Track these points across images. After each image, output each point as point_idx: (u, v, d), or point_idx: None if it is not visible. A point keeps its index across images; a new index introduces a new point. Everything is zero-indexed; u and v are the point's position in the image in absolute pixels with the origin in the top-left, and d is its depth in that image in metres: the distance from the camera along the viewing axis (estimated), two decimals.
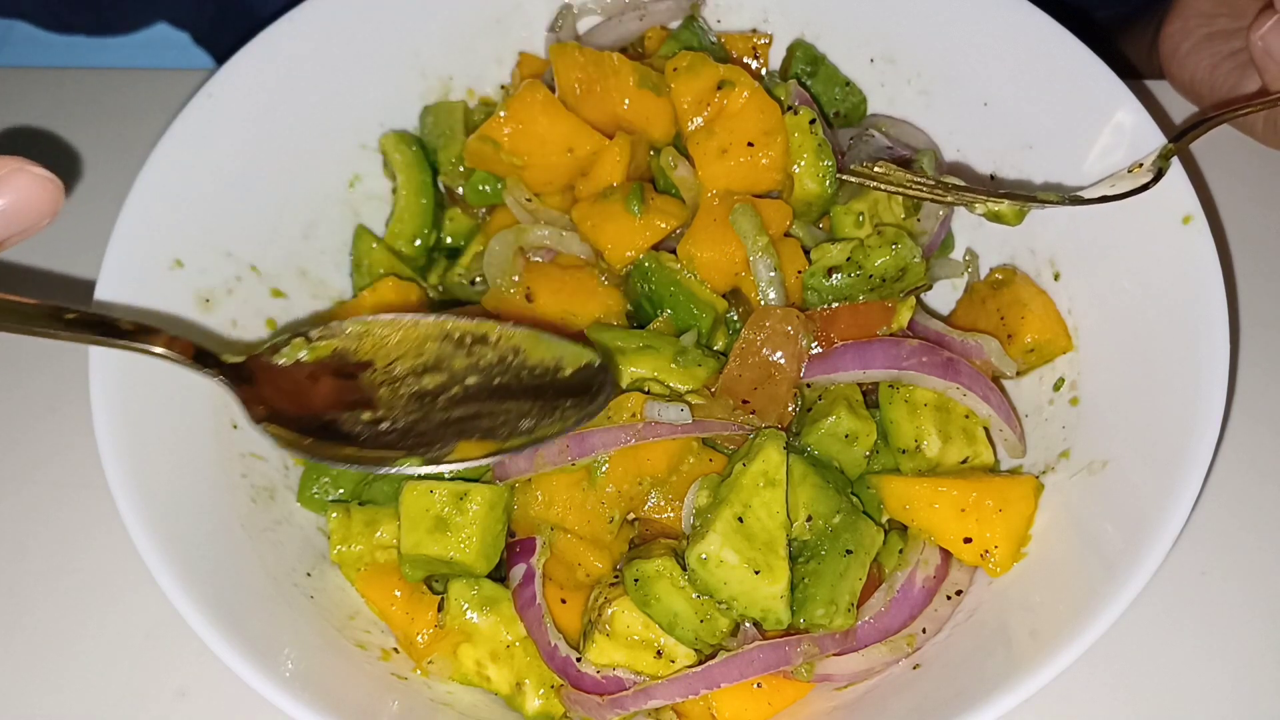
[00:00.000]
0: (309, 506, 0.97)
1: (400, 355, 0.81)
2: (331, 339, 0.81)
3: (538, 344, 0.82)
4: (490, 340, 0.82)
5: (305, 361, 0.80)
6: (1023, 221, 0.91)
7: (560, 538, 0.89)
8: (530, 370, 0.81)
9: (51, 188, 0.66)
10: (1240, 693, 0.89)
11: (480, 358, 0.81)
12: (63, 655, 0.97)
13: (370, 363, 0.81)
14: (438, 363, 0.81)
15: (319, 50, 1.03)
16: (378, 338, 0.82)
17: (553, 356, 0.82)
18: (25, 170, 0.66)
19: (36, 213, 0.66)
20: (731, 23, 1.11)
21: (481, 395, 0.80)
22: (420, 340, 0.82)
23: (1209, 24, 1.11)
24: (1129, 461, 0.84)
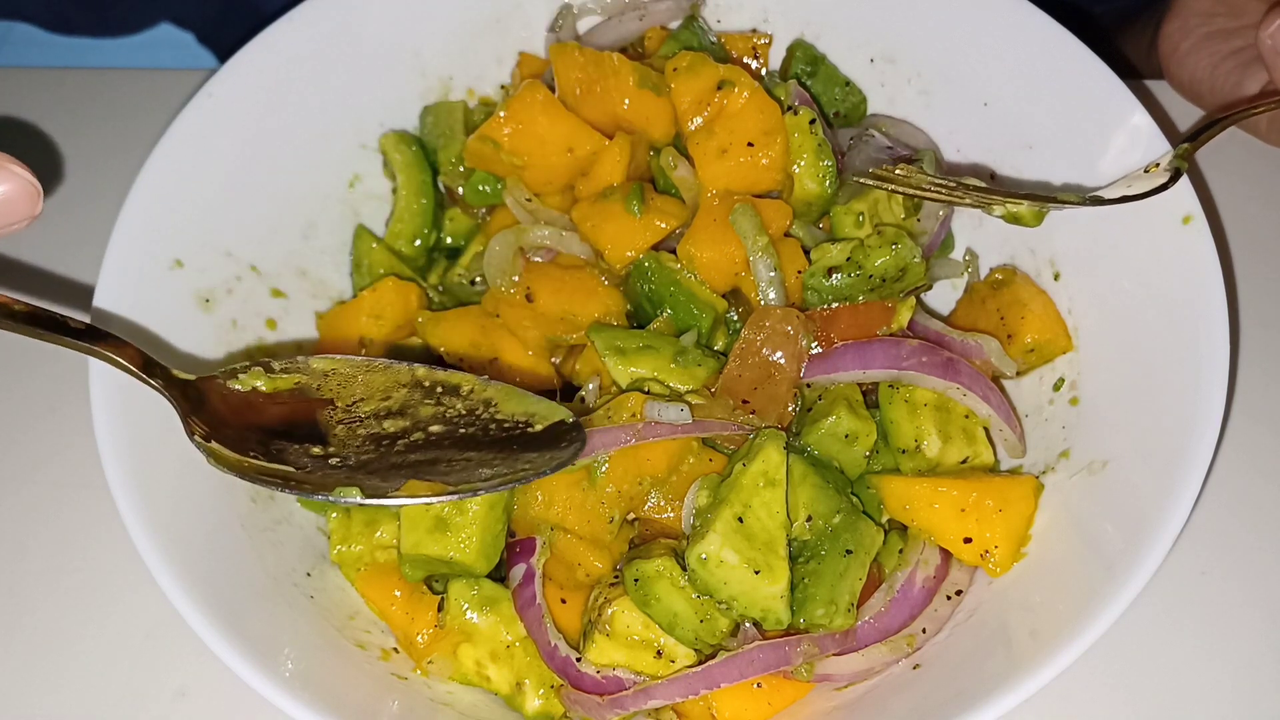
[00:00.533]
0: (309, 506, 0.97)
1: (365, 397, 0.80)
2: (294, 373, 0.80)
3: (511, 398, 0.81)
4: (462, 392, 0.80)
5: (262, 390, 0.79)
6: (1041, 223, 0.91)
7: (560, 538, 0.89)
8: (499, 424, 0.80)
9: (32, 191, 0.66)
10: (1240, 693, 0.89)
11: (449, 408, 0.80)
12: (63, 655, 0.97)
13: (331, 401, 0.79)
14: (402, 409, 0.79)
15: (319, 50, 1.03)
16: (344, 377, 0.80)
17: (525, 412, 0.80)
18: (6, 168, 0.65)
19: (12, 214, 0.66)
20: (731, 23, 1.11)
21: (443, 444, 0.79)
22: (389, 385, 0.80)
23: (1208, 23, 1.11)
24: (1129, 461, 0.84)
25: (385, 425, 0.78)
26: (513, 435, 0.79)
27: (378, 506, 0.78)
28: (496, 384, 0.81)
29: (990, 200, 0.90)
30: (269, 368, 0.80)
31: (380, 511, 0.93)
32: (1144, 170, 0.90)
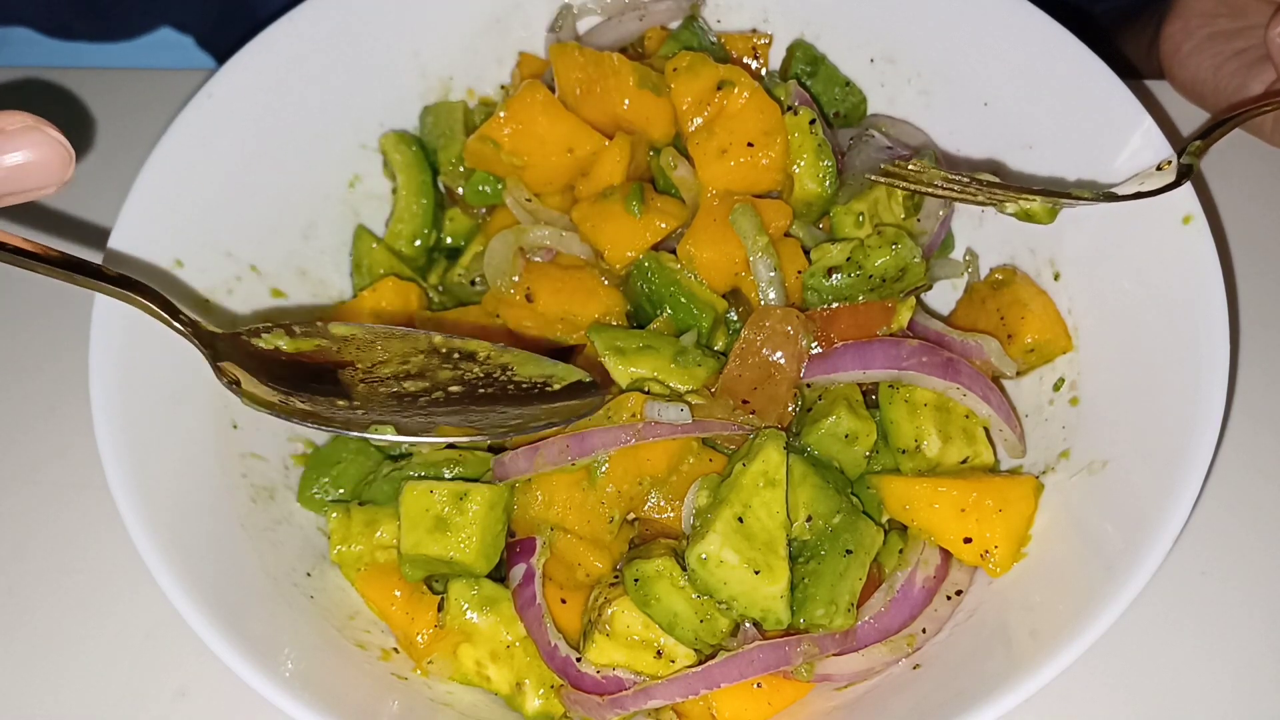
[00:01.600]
0: (309, 506, 0.97)
1: (384, 360, 0.81)
2: (315, 337, 0.81)
3: (528, 362, 0.82)
4: (479, 358, 0.81)
5: (284, 350, 0.80)
6: (1054, 220, 0.91)
7: (560, 538, 0.89)
8: (518, 385, 0.81)
9: (64, 153, 0.66)
10: (1240, 693, 0.89)
11: (467, 371, 0.81)
12: (63, 655, 0.97)
13: (352, 363, 0.80)
14: (421, 372, 0.80)
15: (319, 50, 1.04)
16: (362, 342, 0.81)
17: (543, 374, 0.81)
18: (40, 129, 0.65)
19: (45, 176, 0.66)
20: (731, 23, 1.11)
21: (465, 400, 0.79)
22: (407, 351, 0.81)
23: (1210, 24, 1.11)
24: (1129, 461, 0.84)
25: (406, 385, 0.80)
26: (531, 394, 0.80)
27: (413, 444, 0.80)
28: (512, 350, 0.82)
29: (1003, 197, 0.90)
30: (290, 330, 0.81)
31: (380, 511, 0.93)
32: (1156, 168, 0.89)
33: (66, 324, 1.04)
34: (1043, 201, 0.89)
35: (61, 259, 0.71)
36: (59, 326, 1.12)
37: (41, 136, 0.65)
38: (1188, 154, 0.88)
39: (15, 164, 0.64)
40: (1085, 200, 0.89)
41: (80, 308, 0.90)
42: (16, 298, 1.16)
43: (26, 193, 0.66)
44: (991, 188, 0.91)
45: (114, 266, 0.90)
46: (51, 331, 1.13)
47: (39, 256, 0.70)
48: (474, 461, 0.92)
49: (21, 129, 0.64)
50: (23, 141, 0.64)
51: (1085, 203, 0.89)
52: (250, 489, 0.93)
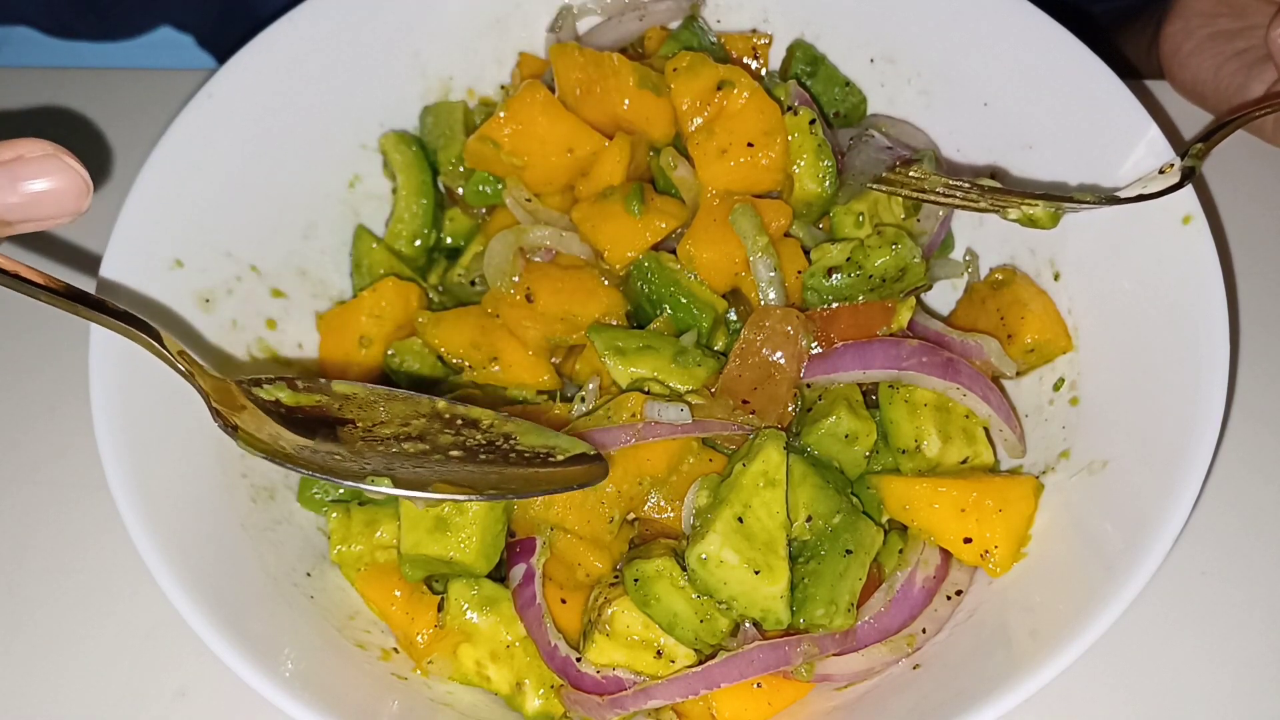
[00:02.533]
0: (309, 506, 0.97)
1: (385, 421, 0.80)
2: (316, 393, 0.80)
3: (531, 433, 0.81)
4: (482, 426, 0.81)
5: (284, 402, 0.79)
6: (1058, 224, 0.90)
7: (560, 538, 0.89)
8: (520, 454, 0.80)
9: (82, 183, 0.66)
10: (1240, 693, 0.89)
11: (468, 438, 0.80)
12: (63, 655, 0.97)
13: (352, 421, 0.80)
14: (422, 435, 0.80)
15: (319, 50, 1.04)
16: (364, 401, 0.80)
17: (546, 444, 0.81)
18: (59, 158, 0.65)
19: (62, 205, 0.65)
20: (731, 23, 1.11)
21: (465, 464, 0.79)
22: (408, 414, 0.80)
23: (1210, 24, 1.11)
24: (1129, 461, 0.84)
25: (405, 446, 0.79)
26: (533, 463, 0.80)
27: (408, 498, 0.79)
28: (516, 419, 0.82)
29: (1005, 203, 0.90)
30: (293, 385, 0.80)
31: (380, 511, 0.93)
32: (1158, 171, 0.89)
33: (66, 324, 1.04)
34: (1045, 206, 0.89)
35: (66, 290, 0.71)
36: (59, 326, 1.11)
37: (60, 165, 0.65)
38: (1190, 156, 0.89)
39: (35, 192, 0.64)
40: (1088, 204, 0.89)
41: None
42: (17, 298, 1.16)
43: (42, 221, 0.66)
44: (993, 193, 0.91)
45: (113, 268, 0.91)
46: (51, 331, 1.13)
47: (44, 286, 0.70)
48: None
49: (41, 157, 0.64)
50: (42, 169, 0.64)
51: (1088, 206, 0.89)
52: (250, 489, 0.93)
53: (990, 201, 0.90)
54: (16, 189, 0.64)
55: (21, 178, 0.64)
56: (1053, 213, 0.90)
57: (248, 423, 0.76)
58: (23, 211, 0.65)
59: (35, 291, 0.70)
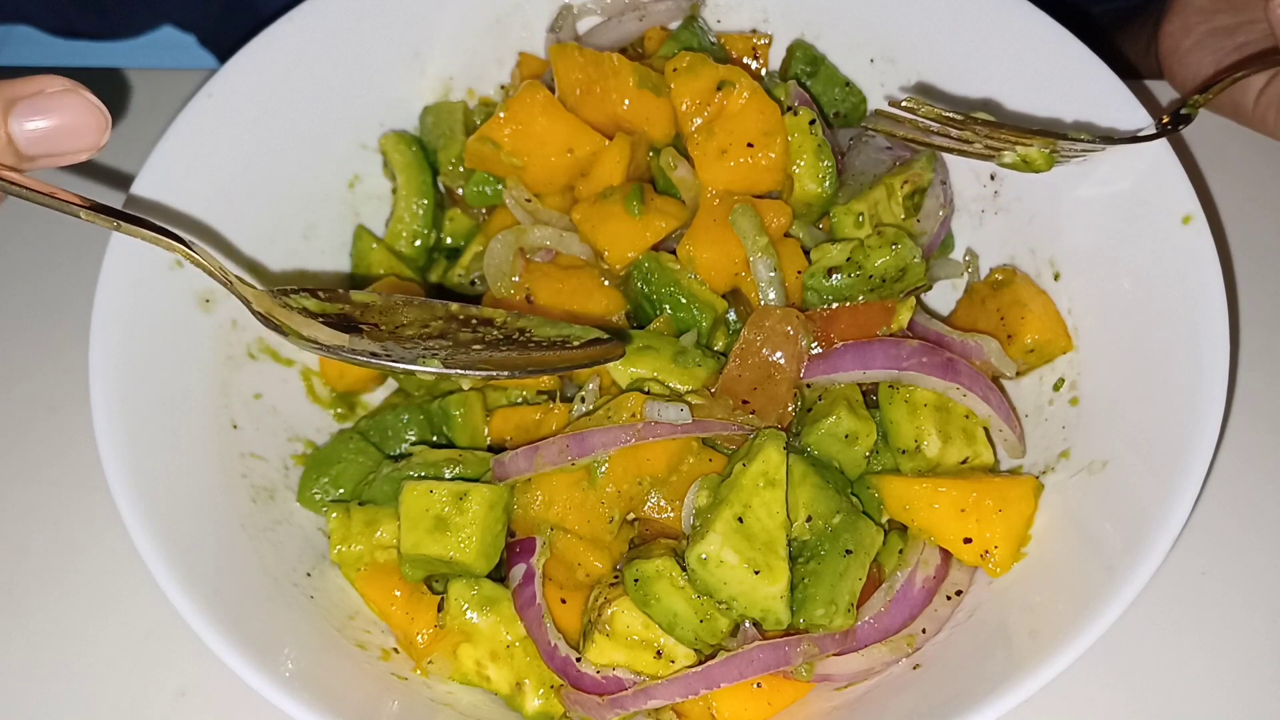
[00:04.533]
0: (309, 506, 0.97)
1: (406, 324, 0.83)
2: (338, 302, 0.83)
3: (545, 325, 0.84)
4: (495, 323, 0.84)
5: (311, 310, 0.82)
6: (1052, 167, 0.90)
7: (560, 538, 0.89)
8: (537, 343, 0.83)
9: (101, 117, 0.67)
10: (1240, 693, 0.89)
11: (486, 334, 0.83)
12: (63, 655, 0.97)
13: (376, 325, 0.82)
14: (442, 334, 0.83)
15: (319, 50, 1.04)
16: (384, 308, 0.83)
17: (560, 334, 0.84)
18: (78, 93, 0.66)
19: (82, 140, 0.66)
20: (731, 23, 1.11)
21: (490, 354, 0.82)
22: (425, 317, 0.83)
23: (1209, 20, 1.11)
24: (1129, 461, 0.84)
25: (431, 345, 0.82)
26: (553, 349, 0.83)
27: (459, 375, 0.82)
28: (527, 315, 0.85)
29: (1000, 144, 0.89)
30: (315, 294, 0.83)
31: (380, 512, 0.93)
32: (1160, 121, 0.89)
33: (66, 324, 1.05)
34: (1040, 146, 0.88)
35: (98, 206, 0.72)
36: (59, 326, 1.12)
37: (79, 99, 0.66)
38: (1188, 106, 0.89)
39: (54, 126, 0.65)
40: (1083, 143, 0.89)
41: (80, 308, 0.90)
42: (17, 298, 1.16)
43: (61, 155, 0.67)
44: (989, 131, 0.90)
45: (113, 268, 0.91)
46: (51, 331, 1.13)
47: (78, 204, 0.71)
48: (474, 461, 0.92)
49: (61, 91, 0.65)
50: (61, 104, 0.65)
51: (1084, 146, 0.89)
52: (250, 489, 0.93)
53: (985, 144, 0.90)
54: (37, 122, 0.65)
55: (42, 111, 0.64)
56: (1047, 154, 0.89)
57: (296, 322, 0.79)
58: (43, 145, 0.66)
59: (69, 208, 0.71)
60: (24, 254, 1.17)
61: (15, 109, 0.67)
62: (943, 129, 0.90)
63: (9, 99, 0.67)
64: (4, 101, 0.67)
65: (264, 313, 0.78)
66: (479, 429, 0.97)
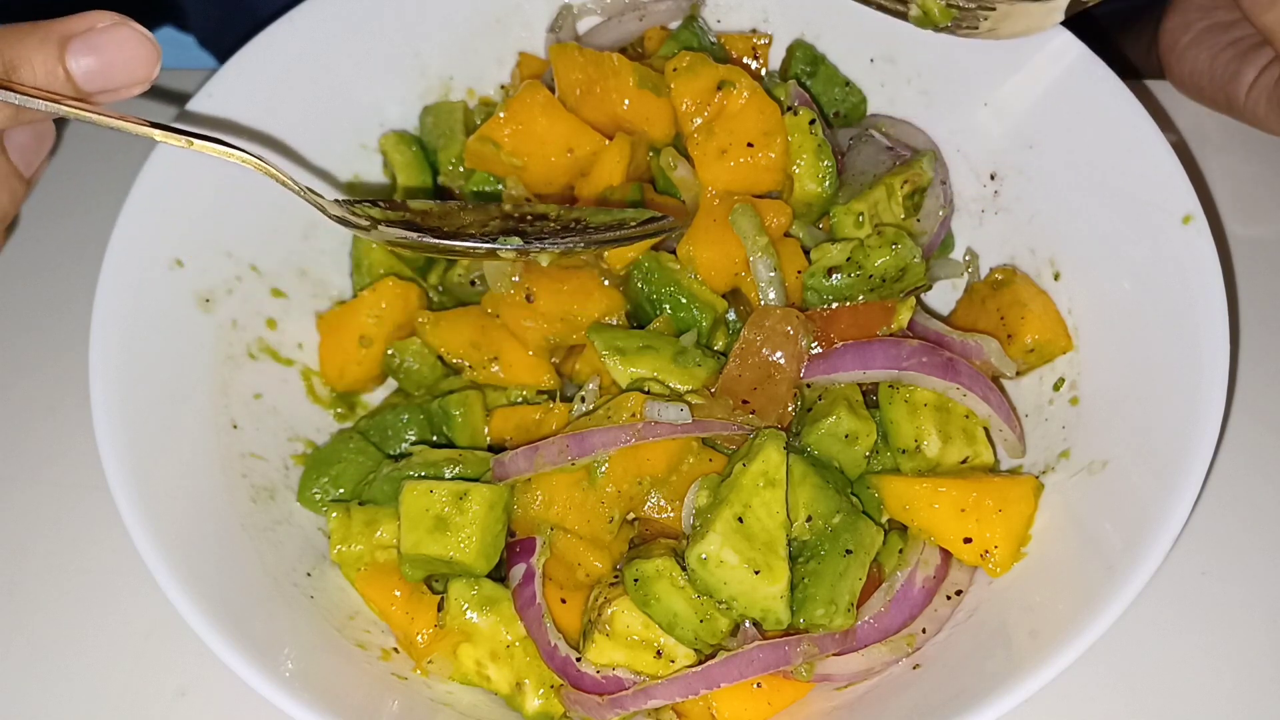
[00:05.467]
0: (309, 506, 0.97)
1: (467, 225, 0.86)
2: (399, 210, 0.86)
3: (599, 213, 0.88)
4: (550, 216, 0.88)
5: (375, 218, 0.85)
6: (949, 21, 0.92)
7: (560, 538, 0.89)
8: (596, 228, 0.87)
9: (152, 49, 0.67)
10: (1240, 693, 0.89)
11: (544, 227, 0.87)
12: (63, 655, 0.97)
13: (439, 227, 0.86)
14: (504, 231, 0.86)
15: (319, 50, 1.04)
16: (442, 213, 0.87)
17: (615, 219, 0.87)
18: (128, 25, 0.66)
19: (135, 72, 0.67)
20: (731, 23, 1.11)
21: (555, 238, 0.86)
22: (483, 219, 0.87)
23: (1208, 16, 1.11)
24: (1129, 461, 0.84)
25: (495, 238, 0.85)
26: (611, 230, 0.87)
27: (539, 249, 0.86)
28: (579, 207, 0.89)
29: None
30: (377, 204, 0.87)
31: (380, 512, 0.93)
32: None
33: (66, 324, 1.04)
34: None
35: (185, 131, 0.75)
36: (59, 326, 1.12)
37: (130, 33, 0.66)
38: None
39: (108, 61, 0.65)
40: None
41: (80, 307, 0.90)
42: (17, 298, 1.16)
43: (118, 89, 0.68)
44: None
45: (113, 268, 0.91)
46: (51, 331, 1.13)
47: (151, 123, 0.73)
48: (474, 461, 0.92)
49: (110, 26, 0.65)
50: (114, 37, 0.65)
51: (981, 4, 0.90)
52: (250, 489, 0.93)
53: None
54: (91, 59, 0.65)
55: (95, 48, 0.65)
56: (944, 6, 0.90)
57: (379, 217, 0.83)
58: (100, 81, 0.66)
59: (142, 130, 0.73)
60: (24, 254, 1.17)
61: (70, 46, 0.67)
62: None
63: (63, 36, 0.68)
64: (58, 39, 0.68)
65: (342, 216, 0.81)
66: (479, 429, 0.97)
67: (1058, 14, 0.92)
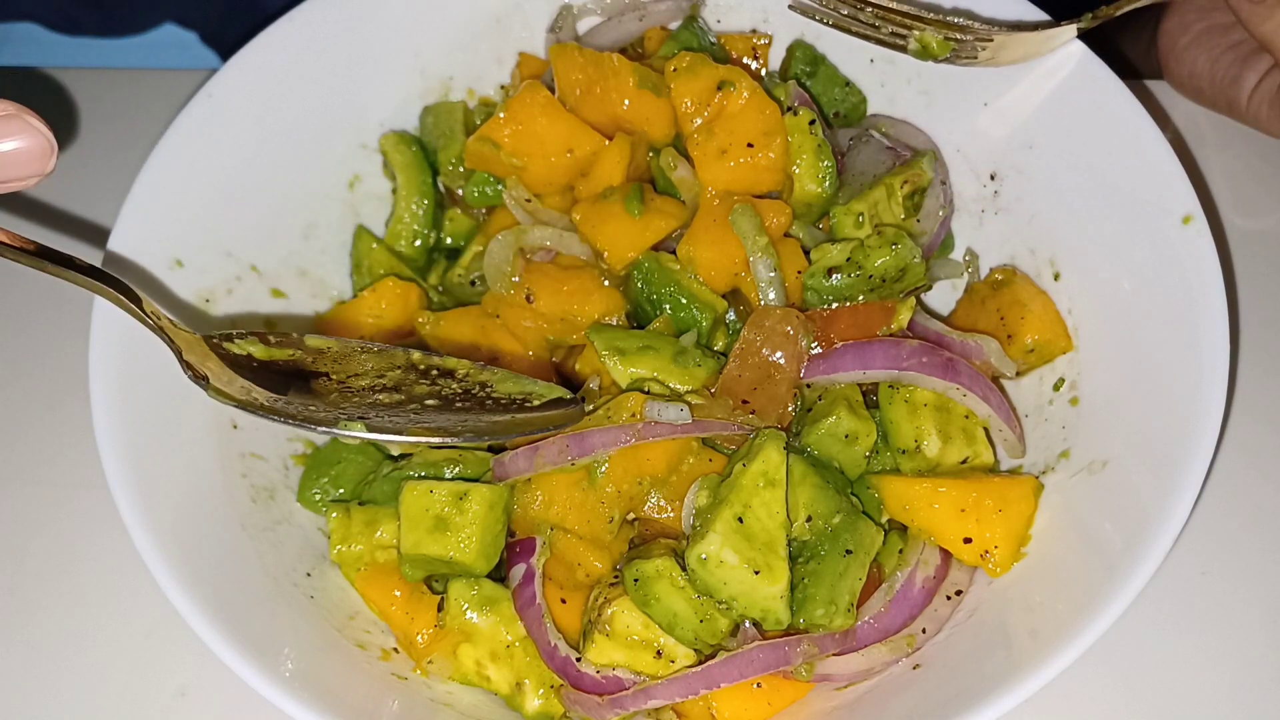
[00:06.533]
0: (309, 506, 0.97)
1: (360, 374, 0.80)
2: (289, 348, 0.80)
3: (507, 380, 0.82)
4: (457, 375, 0.81)
5: (256, 356, 0.79)
6: (949, 53, 0.93)
7: (560, 538, 0.89)
8: (496, 401, 0.80)
9: (45, 144, 0.64)
10: (1240, 693, 0.89)
11: (444, 388, 0.80)
12: (63, 655, 0.97)
13: (326, 374, 0.79)
14: (397, 386, 0.80)
15: (319, 50, 1.04)
16: (338, 355, 0.80)
17: (522, 391, 0.81)
18: (22, 118, 0.64)
19: (25, 167, 0.64)
20: (731, 23, 1.11)
21: (441, 413, 0.79)
22: (383, 366, 0.80)
23: (1206, 18, 1.11)
24: (1129, 461, 0.84)
25: (381, 398, 0.79)
26: (509, 409, 0.80)
27: (382, 441, 0.79)
28: (491, 368, 0.82)
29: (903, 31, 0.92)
30: (264, 339, 0.80)
31: (380, 511, 0.93)
32: None
33: (66, 324, 1.04)
34: (934, 31, 0.91)
35: (36, 249, 0.70)
36: (59, 326, 1.12)
37: (23, 125, 0.63)
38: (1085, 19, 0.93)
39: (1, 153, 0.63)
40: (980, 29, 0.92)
41: (80, 307, 0.90)
42: (16, 298, 1.16)
43: (7, 183, 0.65)
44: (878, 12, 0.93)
45: (113, 267, 0.91)
46: (51, 331, 1.13)
47: (12, 246, 0.69)
48: (474, 461, 0.92)
49: (5, 117, 0.63)
50: (6, 130, 0.63)
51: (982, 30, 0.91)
52: (250, 489, 0.93)
53: (890, 30, 0.92)
54: None
55: None
56: (942, 39, 0.91)
57: (218, 376, 0.76)
58: None
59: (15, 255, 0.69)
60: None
61: None
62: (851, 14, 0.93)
63: None
64: None
65: (191, 364, 0.75)
66: None
67: (1055, 41, 0.93)
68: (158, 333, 0.76)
